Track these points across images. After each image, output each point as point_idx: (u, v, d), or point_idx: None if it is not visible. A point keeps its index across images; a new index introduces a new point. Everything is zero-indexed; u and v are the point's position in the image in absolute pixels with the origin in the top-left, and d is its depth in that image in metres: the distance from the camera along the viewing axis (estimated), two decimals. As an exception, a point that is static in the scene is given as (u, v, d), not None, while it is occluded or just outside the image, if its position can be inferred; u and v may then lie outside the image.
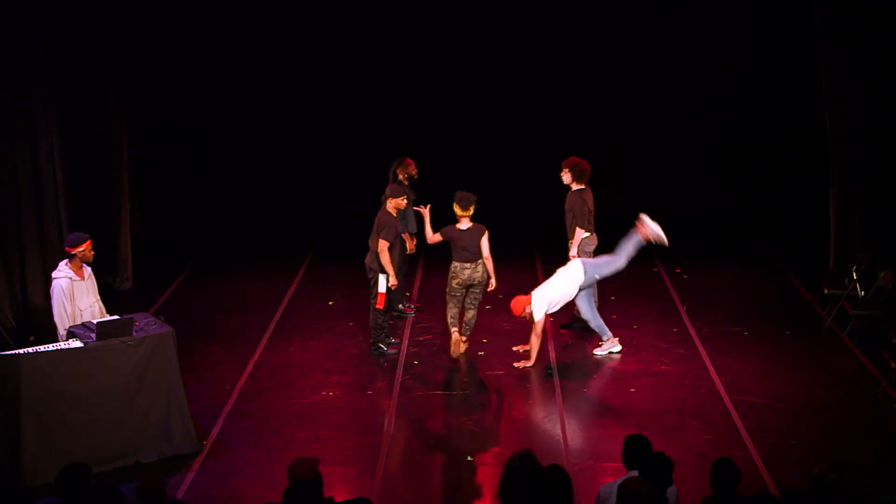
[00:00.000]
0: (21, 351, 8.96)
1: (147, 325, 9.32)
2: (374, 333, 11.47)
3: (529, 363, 11.11)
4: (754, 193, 16.35)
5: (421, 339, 11.89)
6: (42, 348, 9.01)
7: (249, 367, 11.19)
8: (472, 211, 10.93)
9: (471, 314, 11.29)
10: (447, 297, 11.11)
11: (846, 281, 12.21)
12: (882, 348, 10.83)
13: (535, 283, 13.63)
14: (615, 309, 12.52)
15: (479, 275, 11.01)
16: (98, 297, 9.81)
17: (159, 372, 9.20)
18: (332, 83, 16.17)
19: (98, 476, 7.72)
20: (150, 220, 15.42)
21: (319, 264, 14.66)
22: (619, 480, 6.47)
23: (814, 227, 14.64)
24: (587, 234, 11.61)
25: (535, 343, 11.07)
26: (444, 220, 11.22)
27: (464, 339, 11.29)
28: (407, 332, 12.10)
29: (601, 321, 11.37)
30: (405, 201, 11.41)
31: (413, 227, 12.28)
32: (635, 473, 6.67)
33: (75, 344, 9.04)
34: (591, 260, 11.38)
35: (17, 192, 12.07)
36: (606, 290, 13.17)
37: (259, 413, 10.15)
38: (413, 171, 12.11)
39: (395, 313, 12.47)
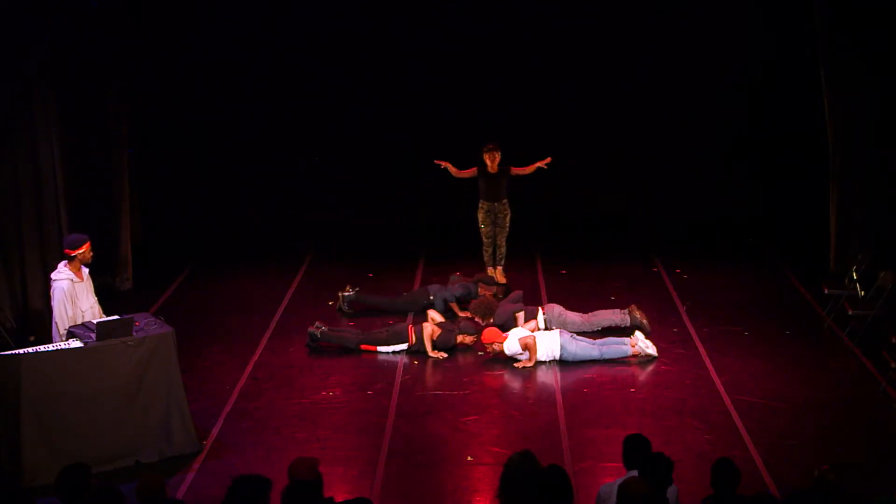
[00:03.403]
0: (21, 351, 8.96)
1: (147, 325, 9.32)
2: None
3: (530, 363, 11.12)
4: (754, 193, 16.34)
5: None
6: (42, 348, 9.01)
7: (249, 367, 11.19)
8: (498, 160, 13.27)
9: (502, 246, 13.51)
10: (483, 238, 13.52)
11: (846, 281, 12.21)
12: (882, 348, 10.81)
13: (536, 281, 13.68)
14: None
15: (498, 209, 13.40)
16: (95, 298, 9.82)
17: (159, 372, 9.20)
18: (332, 83, 16.16)
19: (98, 476, 7.72)
20: (150, 220, 15.42)
21: (319, 264, 14.66)
22: (619, 480, 6.47)
23: (814, 227, 14.64)
24: None
25: (531, 344, 11.11)
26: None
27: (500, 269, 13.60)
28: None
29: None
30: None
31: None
32: (635, 473, 6.68)
33: (75, 344, 9.05)
34: (572, 340, 11.30)
35: (17, 193, 12.06)
36: (606, 291, 13.18)
37: (259, 413, 10.15)
38: None
39: None
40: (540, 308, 11.98)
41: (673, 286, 13.47)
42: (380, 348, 11.50)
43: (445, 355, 11.37)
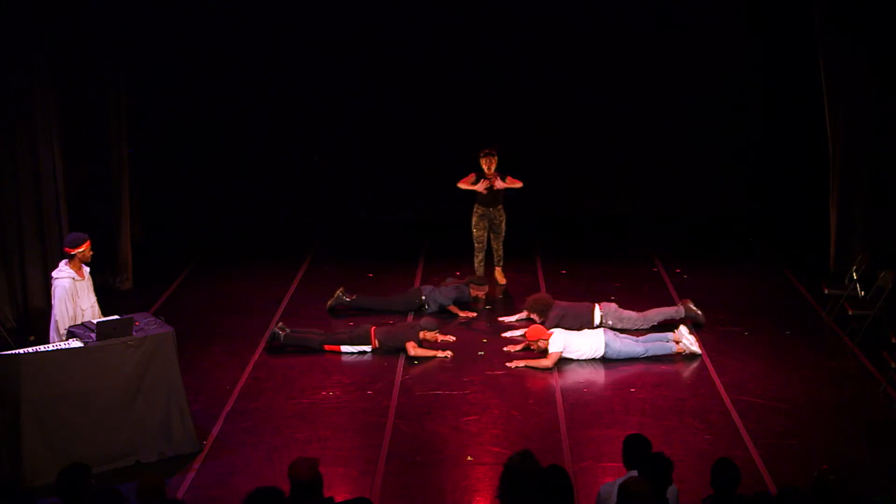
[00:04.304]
0: (21, 351, 8.95)
1: (147, 325, 9.32)
2: None
3: (522, 364, 11.12)
4: (754, 193, 16.35)
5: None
6: (42, 348, 9.01)
7: (249, 367, 11.19)
8: (495, 164, 12.97)
9: (499, 249, 13.40)
10: (474, 242, 13.28)
11: (846, 281, 12.21)
12: (882, 348, 10.82)
13: (535, 282, 13.68)
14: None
15: (494, 215, 13.24)
16: (95, 297, 9.82)
17: (159, 372, 9.19)
18: (332, 83, 16.16)
19: (98, 476, 7.71)
20: (150, 220, 15.43)
21: (319, 264, 14.66)
22: (619, 480, 6.48)
23: (814, 227, 14.63)
24: None
25: (555, 357, 11.11)
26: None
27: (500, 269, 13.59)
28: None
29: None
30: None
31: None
32: (635, 473, 6.68)
33: (75, 344, 9.05)
34: (616, 338, 11.33)
35: (17, 192, 12.07)
36: (606, 290, 13.18)
37: (259, 413, 10.15)
38: None
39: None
40: (597, 305, 11.99)
41: (673, 286, 13.47)
42: (343, 348, 11.49)
43: (450, 354, 11.37)
